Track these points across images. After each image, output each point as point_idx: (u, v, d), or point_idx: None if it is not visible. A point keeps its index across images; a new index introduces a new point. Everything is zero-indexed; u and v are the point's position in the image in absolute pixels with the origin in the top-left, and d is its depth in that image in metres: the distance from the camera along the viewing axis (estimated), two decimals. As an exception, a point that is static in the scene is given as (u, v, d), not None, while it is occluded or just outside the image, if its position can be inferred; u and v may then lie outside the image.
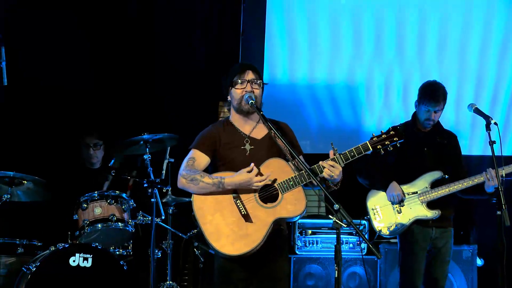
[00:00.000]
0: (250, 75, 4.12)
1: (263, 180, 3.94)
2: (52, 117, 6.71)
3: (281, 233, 4.13)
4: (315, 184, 3.91)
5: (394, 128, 3.97)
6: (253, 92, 4.08)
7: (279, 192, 4.00)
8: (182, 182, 4.05)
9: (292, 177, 3.98)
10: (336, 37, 7.28)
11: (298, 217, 4.01)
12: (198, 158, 4.10)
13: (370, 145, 3.97)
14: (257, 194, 4.01)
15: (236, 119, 4.21)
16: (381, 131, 3.98)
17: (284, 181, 3.99)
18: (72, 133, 6.55)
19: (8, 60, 4.50)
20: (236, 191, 4.01)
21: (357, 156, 3.97)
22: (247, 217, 3.96)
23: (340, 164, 3.96)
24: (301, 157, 4.11)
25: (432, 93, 5.36)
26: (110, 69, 6.95)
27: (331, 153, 3.98)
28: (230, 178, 3.97)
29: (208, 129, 4.23)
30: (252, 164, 3.95)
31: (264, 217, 3.95)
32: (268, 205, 3.99)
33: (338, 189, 4.04)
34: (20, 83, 6.00)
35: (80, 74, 6.74)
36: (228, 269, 4.01)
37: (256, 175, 3.94)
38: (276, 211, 3.98)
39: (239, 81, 4.10)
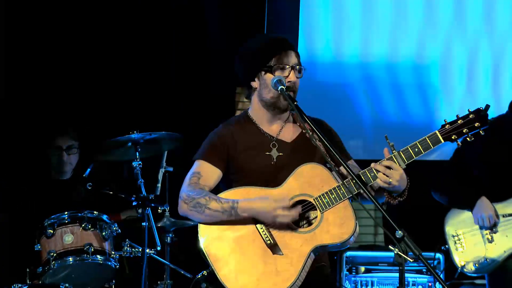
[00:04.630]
0: (294, 58, 4.13)
1: (291, 215, 3.90)
2: (8, 114, 6.73)
3: (323, 272, 4.09)
4: (366, 197, 3.82)
5: (474, 110, 3.90)
6: (296, 83, 4.11)
7: (318, 210, 3.97)
8: (183, 208, 4.07)
9: (334, 189, 3.96)
10: (400, -2, 7.38)
11: (346, 243, 3.95)
12: (206, 172, 4.11)
13: (441, 135, 3.93)
14: None
15: (259, 115, 4.21)
16: (457, 116, 3.93)
17: (323, 195, 3.97)
18: (37, 135, 6.60)
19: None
20: None
21: (423, 153, 3.94)
22: (274, 248, 3.94)
23: (400, 164, 3.92)
24: (351, 161, 4.16)
25: None
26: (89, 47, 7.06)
27: (386, 151, 3.97)
28: (246, 202, 3.96)
29: (217, 131, 4.22)
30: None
31: (298, 245, 3.93)
32: (303, 229, 3.97)
33: (400, 208, 4.07)
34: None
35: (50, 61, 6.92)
36: None
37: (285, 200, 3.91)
38: (315, 236, 3.94)
39: (280, 66, 4.09)
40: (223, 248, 3.97)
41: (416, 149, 3.93)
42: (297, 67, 4.13)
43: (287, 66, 4.09)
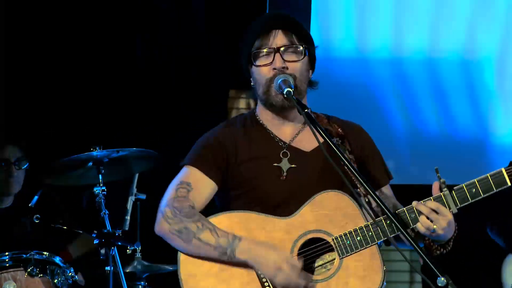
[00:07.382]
0: (280, 39, 4.08)
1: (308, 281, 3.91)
2: None
3: None
4: (408, 243, 3.73)
5: None
6: (287, 69, 4.04)
7: (336, 254, 3.95)
8: (163, 227, 4.00)
9: (360, 228, 3.95)
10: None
11: None
12: (197, 183, 4.08)
13: (508, 175, 3.92)
14: (295, 255, 3.97)
15: (266, 116, 4.20)
16: None
17: (345, 235, 3.96)
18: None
19: None
20: None
21: (482, 196, 3.92)
22: (278, 301, 3.92)
23: (450, 207, 3.91)
24: (386, 187, 4.22)
25: None
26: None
27: (435, 186, 3.96)
28: (251, 244, 3.94)
29: (216, 131, 4.23)
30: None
31: None
32: (315, 276, 3.96)
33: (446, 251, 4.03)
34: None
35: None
36: None
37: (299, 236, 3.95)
38: (329, 287, 3.92)
39: (263, 51, 4.07)
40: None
41: (474, 190, 3.91)
42: (297, 47, 4.07)
43: (272, 50, 4.04)
